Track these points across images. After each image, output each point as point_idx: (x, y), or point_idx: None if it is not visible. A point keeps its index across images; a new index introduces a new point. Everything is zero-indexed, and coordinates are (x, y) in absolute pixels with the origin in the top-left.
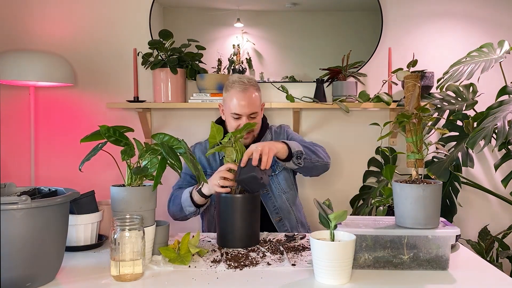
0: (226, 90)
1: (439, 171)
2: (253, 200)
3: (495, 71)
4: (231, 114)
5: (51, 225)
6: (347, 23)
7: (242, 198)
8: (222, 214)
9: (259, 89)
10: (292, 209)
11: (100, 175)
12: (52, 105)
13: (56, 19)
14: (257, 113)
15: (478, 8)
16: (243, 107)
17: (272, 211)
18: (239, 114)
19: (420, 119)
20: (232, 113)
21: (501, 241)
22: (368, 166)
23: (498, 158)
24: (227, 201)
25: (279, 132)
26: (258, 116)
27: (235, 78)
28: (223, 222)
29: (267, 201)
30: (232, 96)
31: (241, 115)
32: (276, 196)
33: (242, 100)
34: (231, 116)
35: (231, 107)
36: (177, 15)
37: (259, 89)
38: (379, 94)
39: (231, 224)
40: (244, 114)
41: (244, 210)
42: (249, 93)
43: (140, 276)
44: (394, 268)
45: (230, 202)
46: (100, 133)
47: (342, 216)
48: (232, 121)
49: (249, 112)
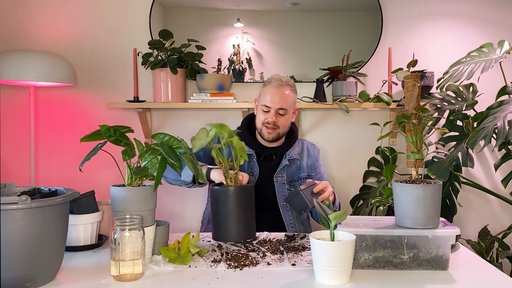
0: (263, 85)
1: (439, 171)
2: (247, 192)
3: (495, 71)
4: (262, 106)
5: (51, 225)
6: (347, 23)
7: (235, 189)
8: (215, 207)
9: (295, 91)
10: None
11: (100, 175)
12: (52, 105)
13: (56, 19)
14: (286, 110)
15: (478, 8)
16: (274, 100)
17: (281, 197)
18: (269, 106)
19: (420, 119)
20: (262, 105)
21: (501, 241)
22: (368, 166)
23: (498, 158)
24: (220, 193)
25: (312, 153)
26: (287, 115)
27: (275, 76)
28: (217, 215)
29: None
30: (266, 90)
31: (270, 108)
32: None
33: (275, 94)
34: (261, 109)
35: (263, 99)
36: (177, 15)
37: (295, 91)
38: (379, 94)
39: (224, 216)
40: (273, 107)
41: (238, 202)
42: (283, 89)
43: (140, 276)
44: (394, 268)
45: (223, 194)
46: (100, 133)
47: (342, 216)
48: (261, 114)
49: (279, 107)
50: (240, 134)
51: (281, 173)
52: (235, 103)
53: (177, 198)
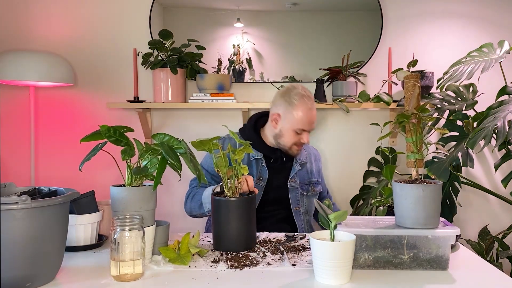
0: (290, 103)
1: (439, 171)
2: (248, 203)
3: (495, 71)
4: (296, 129)
5: (51, 225)
6: (347, 23)
7: (237, 201)
8: (216, 217)
9: None
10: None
11: (100, 175)
12: (52, 105)
13: (56, 19)
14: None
15: (478, 8)
16: (311, 122)
17: (294, 202)
18: (306, 130)
19: (420, 119)
20: (298, 128)
21: (501, 241)
22: (368, 166)
23: (498, 158)
24: (221, 204)
25: (318, 158)
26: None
27: (300, 91)
28: (218, 225)
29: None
30: (299, 110)
31: (305, 131)
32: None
33: (312, 116)
34: (293, 130)
35: (297, 122)
36: (177, 15)
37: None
38: (379, 94)
39: (225, 226)
40: (310, 129)
41: (239, 213)
42: (314, 107)
43: (140, 276)
44: (394, 268)
45: (225, 205)
46: (101, 133)
47: (342, 216)
48: (293, 135)
49: (313, 127)
50: (247, 136)
51: (294, 178)
52: (235, 103)
53: (177, 198)
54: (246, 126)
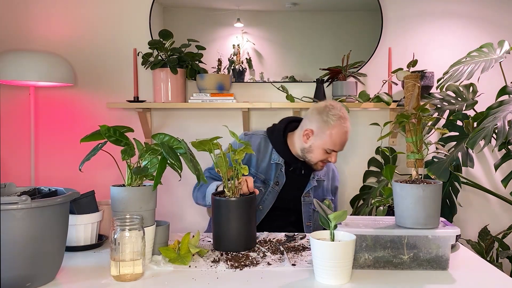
0: (326, 122)
1: (439, 171)
2: (248, 203)
3: (495, 71)
4: (327, 148)
5: (51, 225)
6: (347, 23)
7: (237, 201)
8: (216, 217)
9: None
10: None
11: (100, 175)
12: (52, 105)
13: (56, 19)
14: None
15: (478, 8)
16: (344, 145)
17: (306, 217)
18: (336, 151)
19: (420, 119)
20: (329, 148)
21: (501, 241)
22: (368, 166)
23: (498, 158)
24: (221, 204)
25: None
26: None
27: (338, 112)
28: (218, 225)
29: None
30: (334, 131)
31: (335, 151)
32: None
33: (346, 139)
34: (323, 149)
35: (330, 142)
36: (177, 15)
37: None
38: (379, 94)
39: (225, 226)
40: (340, 150)
41: (239, 213)
42: (349, 132)
43: (140, 276)
44: (394, 268)
45: (225, 205)
46: (101, 133)
47: (342, 216)
48: (322, 153)
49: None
50: (274, 139)
51: (308, 193)
52: (235, 103)
53: (177, 198)
54: (276, 128)
